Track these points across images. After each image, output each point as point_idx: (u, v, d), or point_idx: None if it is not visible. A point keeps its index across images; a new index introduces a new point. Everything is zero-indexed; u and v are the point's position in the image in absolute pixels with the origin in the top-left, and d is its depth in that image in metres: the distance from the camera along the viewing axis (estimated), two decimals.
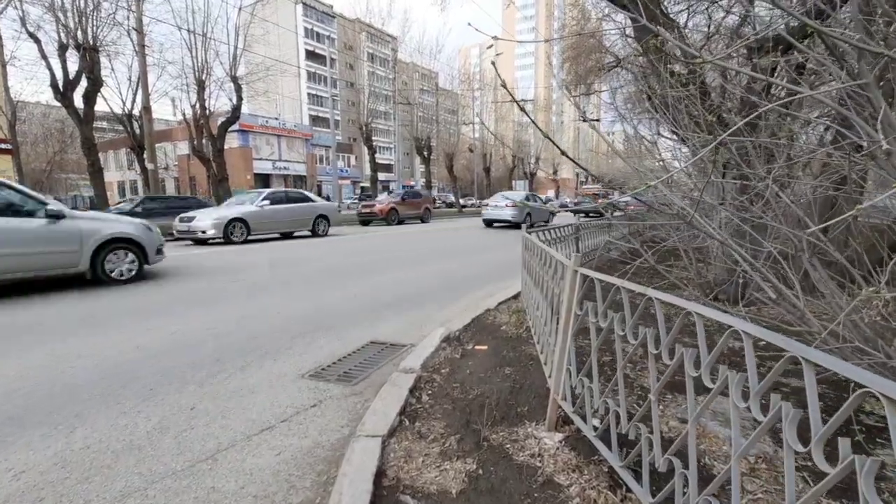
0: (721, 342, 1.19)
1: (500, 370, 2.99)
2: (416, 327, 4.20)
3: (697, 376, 1.27)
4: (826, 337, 2.05)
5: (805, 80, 4.16)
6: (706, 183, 2.11)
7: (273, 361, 3.33)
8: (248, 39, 20.09)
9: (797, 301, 1.94)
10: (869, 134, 1.45)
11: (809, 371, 0.92)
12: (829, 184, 2.78)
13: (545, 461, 1.94)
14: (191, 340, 3.76)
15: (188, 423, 2.45)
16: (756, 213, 2.67)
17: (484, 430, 2.21)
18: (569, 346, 2.11)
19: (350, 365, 3.27)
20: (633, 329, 1.63)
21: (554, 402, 2.19)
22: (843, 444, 0.82)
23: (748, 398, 1.08)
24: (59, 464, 2.08)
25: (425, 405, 2.54)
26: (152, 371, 3.13)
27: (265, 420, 2.48)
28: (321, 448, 2.21)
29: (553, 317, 2.51)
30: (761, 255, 2.74)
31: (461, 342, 3.59)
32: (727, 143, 2.74)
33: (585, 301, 2.00)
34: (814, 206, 2.55)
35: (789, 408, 0.95)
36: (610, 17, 11.34)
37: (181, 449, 2.20)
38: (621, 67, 12.85)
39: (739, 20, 8.05)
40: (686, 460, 1.34)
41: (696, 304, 1.32)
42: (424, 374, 2.93)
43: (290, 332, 4.04)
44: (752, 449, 1.88)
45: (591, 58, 14.51)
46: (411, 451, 2.06)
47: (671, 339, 1.40)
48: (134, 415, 2.54)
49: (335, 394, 2.81)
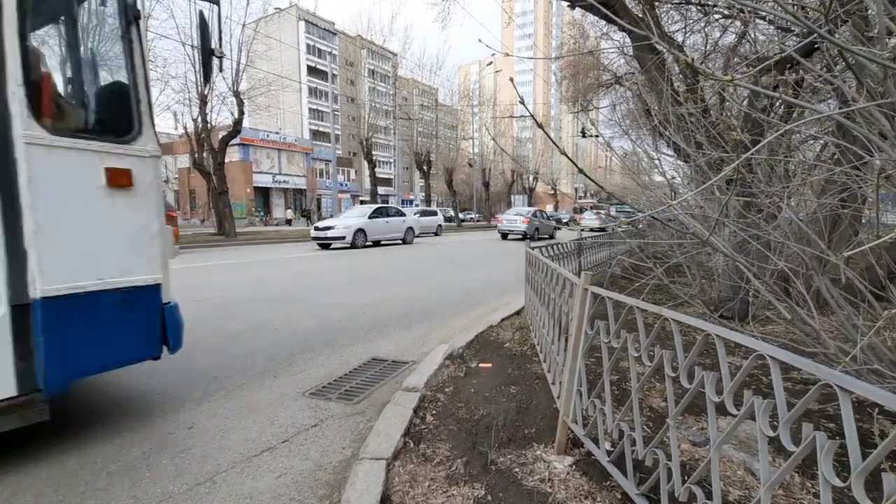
0: (745, 367, 1.15)
1: (506, 389, 2.92)
2: (418, 343, 4.14)
3: (720, 402, 1.23)
4: (839, 356, 2.01)
5: (802, 98, 4.18)
6: (725, 202, 2.08)
7: (273, 378, 3.26)
8: (251, 55, 20.29)
9: (812, 321, 1.91)
10: (886, 152, 1.43)
11: (846, 400, 0.88)
12: (836, 201, 2.77)
13: (556, 487, 1.88)
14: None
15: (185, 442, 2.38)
16: (764, 230, 2.65)
17: (491, 452, 2.14)
18: (579, 366, 2.06)
19: (351, 383, 3.21)
20: (647, 350, 1.59)
21: (563, 423, 2.13)
22: (888, 480, 0.77)
23: (775, 426, 1.04)
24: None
25: (430, 426, 2.47)
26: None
27: (265, 440, 2.41)
28: (323, 471, 2.14)
29: (561, 336, 2.47)
30: (766, 273, 2.72)
31: (465, 360, 3.53)
32: (730, 160, 2.73)
33: (596, 320, 1.95)
34: (824, 225, 2.52)
35: (824, 438, 0.90)
36: (608, 36, 11.51)
37: (178, 471, 2.13)
38: (620, 85, 13.00)
39: (737, 39, 8.16)
40: (706, 488, 1.28)
41: (717, 325, 1.28)
42: (428, 392, 2.86)
43: (290, 349, 3.97)
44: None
45: (589, 75, 14.69)
46: (416, 475, 1.99)
47: (690, 361, 1.36)
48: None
49: (336, 413, 2.74)
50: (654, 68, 6.12)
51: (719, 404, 1.23)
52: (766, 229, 2.52)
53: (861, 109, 1.86)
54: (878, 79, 1.26)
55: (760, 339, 1.29)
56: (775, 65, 3.98)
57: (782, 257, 2.69)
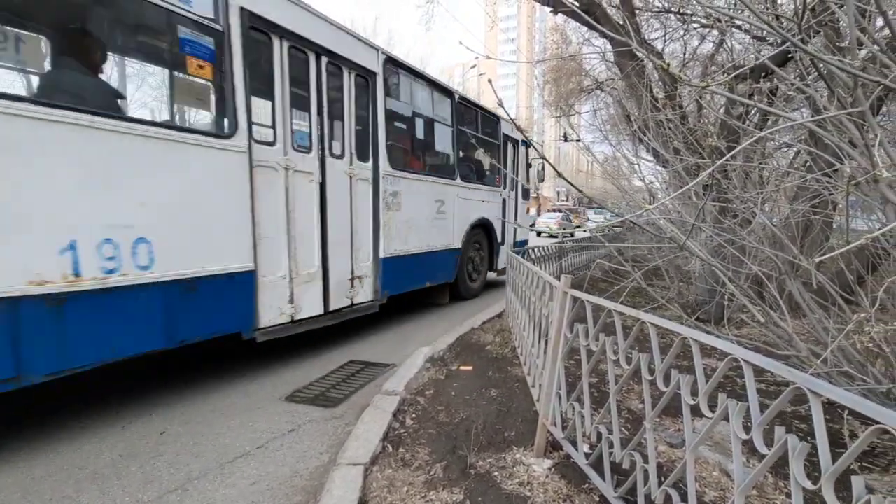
0: (719, 370, 1.16)
1: (486, 392, 2.91)
2: (398, 346, 4.11)
3: (695, 404, 1.24)
4: (811, 359, 2.06)
5: (776, 106, 4.31)
6: (701, 207, 2.12)
7: (249, 382, 3.19)
8: None
9: (785, 325, 1.95)
10: (856, 160, 1.47)
11: (816, 403, 0.89)
12: (808, 207, 2.85)
13: (535, 490, 1.87)
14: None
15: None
16: (739, 234, 2.71)
17: (470, 456, 2.13)
18: (558, 369, 2.06)
19: (330, 386, 3.15)
20: (626, 353, 1.60)
21: (543, 426, 2.13)
22: (857, 483, 0.78)
23: (749, 428, 1.05)
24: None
25: (409, 430, 2.45)
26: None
27: (240, 446, 2.35)
28: (299, 477, 2.09)
29: (541, 338, 2.47)
30: (741, 277, 2.78)
31: (446, 362, 3.51)
32: (707, 166, 2.78)
33: (575, 323, 1.96)
34: (796, 230, 2.59)
35: (796, 441, 0.91)
36: (590, 42, 11.67)
37: (148, 478, 2.06)
38: (601, 90, 13.20)
39: (714, 48, 8.36)
40: (682, 490, 1.29)
41: (693, 329, 1.29)
42: (408, 396, 2.84)
43: (265, 351, 3.89)
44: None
45: (571, 80, 14.88)
46: (395, 481, 1.97)
47: (667, 364, 1.37)
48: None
49: (314, 417, 2.69)
50: (634, 75, 6.22)
51: (695, 406, 1.24)
52: (741, 234, 2.58)
53: (832, 118, 1.91)
54: (848, 88, 1.29)
55: (735, 343, 1.31)
56: (751, 73, 4.10)
57: (756, 262, 2.75)
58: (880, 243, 2.23)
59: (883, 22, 2.42)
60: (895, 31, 1.20)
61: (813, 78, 2.74)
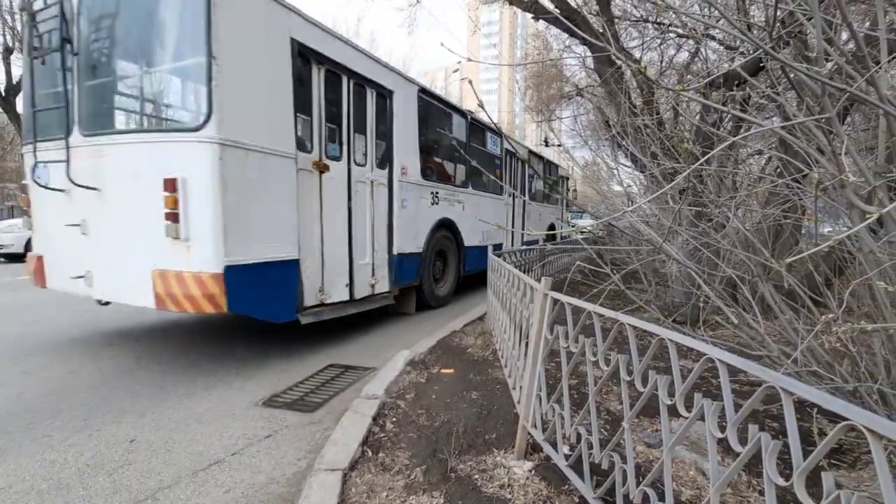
0: (696, 370, 1.17)
1: (467, 395, 2.91)
2: (379, 349, 4.07)
3: (672, 404, 1.25)
4: (782, 359, 2.11)
5: (749, 115, 4.44)
6: (677, 210, 2.16)
7: (225, 387, 3.11)
8: None
9: (758, 326, 2.00)
10: (824, 166, 1.52)
11: (788, 402, 0.91)
12: (779, 212, 2.93)
13: (515, 492, 1.87)
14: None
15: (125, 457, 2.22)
16: (713, 238, 2.77)
17: (451, 459, 2.11)
18: (539, 370, 2.07)
19: (308, 390, 3.10)
20: (604, 354, 1.61)
21: (523, 428, 2.13)
22: (827, 479, 0.80)
23: (724, 427, 1.07)
24: None
25: (389, 434, 2.42)
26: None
27: (214, 453, 2.28)
28: (276, 484, 2.04)
29: (521, 341, 2.48)
30: (715, 279, 2.84)
31: (426, 365, 3.49)
32: (683, 170, 2.84)
33: (556, 325, 1.97)
34: (768, 234, 2.67)
35: (769, 439, 0.93)
36: (570, 49, 11.86)
37: (117, 488, 1.98)
38: (581, 96, 13.40)
39: (689, 57, 8.59)
40: (660, 490, 1.30)
41: (670, 330, 1.31)
42: (388, 399, 2.81)
43: (241, 355, 3.81)
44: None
45: (552, 86, 15.09)
46: (374, 486, 1.94)
47: (644, 365, 1.38)
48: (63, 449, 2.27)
49: (292, 422, 2.64)
50: (613, 81, 6.34)
51: (672, 406, 1.26)
52: (716, 237, 2.64)
53: (801, 125, 1.98)
54: (816, 96, 1.34)
55: (710, 343, 1.33)
56: (724, 82, 4.21)
57: (730, 265, 2.82)
58: (846, 246, 2.31)
59: (848, 35, 2.52)
60: (860, 42, 1.25)
61: (783, 87, 2.83)
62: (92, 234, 3.46)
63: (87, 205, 3.41)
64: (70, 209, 3.50)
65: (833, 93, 1.43)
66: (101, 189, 3.35)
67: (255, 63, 3.34)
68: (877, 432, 0.71)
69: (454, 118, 6.75)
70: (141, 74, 3.54)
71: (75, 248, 3.52)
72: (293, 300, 3.69)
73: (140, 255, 3.22)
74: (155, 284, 3.15)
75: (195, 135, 3.04)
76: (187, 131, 3.12)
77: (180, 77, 3.52)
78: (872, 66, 1.25)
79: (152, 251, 3.16)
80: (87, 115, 3.47)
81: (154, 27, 3.33)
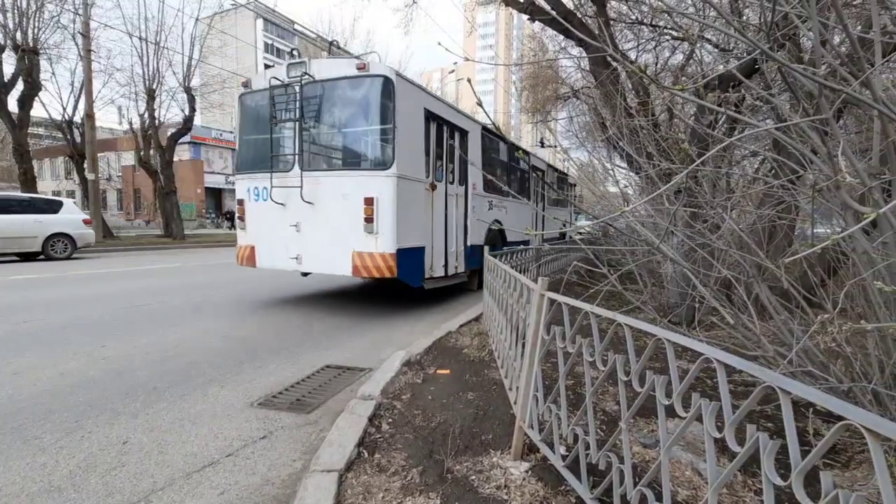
0: (693, 370, 1.17)
1: (463, 395, 2.90)
2: (375, 350, 4.06)
3: (669, 404, 1.25)
4: (777, 359, 2.12)
5: (743, 116, 4.47)
6: (674, 211, 2.17)
7: (220, 388, 3.09)
8: (205, 51, 19.47)
9: (753, 326, 2.00)
10: (819, 167, 1.53)
11: (787, 402, 0.91)
12: (773, 212, 2.95)
13: (512, 493, 1.86)
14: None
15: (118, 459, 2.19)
16: (709, 239, 2.78)
17: (447, 460, 2.11)
18: (535, 371, 2.07)
19: (304, 392, 3.08)
20: (601, 355, 1.61)
21: (520, 429, 2.13)
22: (826, 478, 0.80)
23: (720, 427, 1.07)
24: None
25: (385, 435, 2.41)
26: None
27: (208, 455, 2.26)
28: (271, 485, 2.02)
29: (518, 341, 2.47)
30: (710, 280, 2.85)
31: (422, 366, 3.48)
32: (678, 171, 2.85)
33: (552, 325, 1.97)
34: (762, 235, 2.68)
35: (767, 439, 0.93)
36: (566, 51, 11.89)
37: (109, 490, 1.96)
38: (577, 98, 13.43)
39: (684, 59, 8.63)
40: (657, 489, 1.30)
41: (667, 331, 1.31)
42: (384, 400, 2.79)
43: (238, 356, 3.78)
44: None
45: (548, 87, 15.11)
46: (370, 487, 1.93)
47: (641, 365, 1.38)
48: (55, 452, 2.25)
49: (287, 424, 2.62)
50: (609, 83, 6.36)
51: (669, 407, 1.26)
52: (711, 238, 2.65)
53: (795, 126, 1.99)
54: (811, 98, 1.34)
55: (706, 344, 1.34)
56: (719, 84, 4.24)
57: (725, 265, 2.83)
58: (840, 247, 2.32)
59: (840, 39, 2.54)
60: (856, 44, 1.25)
61: (778, 89, 2.85)
62: (303, 231, 5.40)
63: (302, 213, 5.36)
64: (286, 216, 5.48)
65: (828, 94, 1.44)
66: (315, 203, 5.30)
67: (410, 127, 5.38)
68: (876, 432, 0.71)
69: (500, 145, 9.04)
70: (345, 134, 5.70)
71: (288, 240, 5.47)
72: (422, 273, 5.67)
73: (343, 242, 5.13)
74: (353, 260, 5.08)
75: (384, 172, 5.04)
76: (381, 169, 5.08)
77: (374, 137, 5.40)
78: (867, 67, 1.26)
79: (352, 240, 5.08)
80: (307, 159, 5.46)
81: (356, 107, 5.42)
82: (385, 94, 5.04)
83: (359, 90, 5.30)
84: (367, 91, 5.23)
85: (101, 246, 14.37)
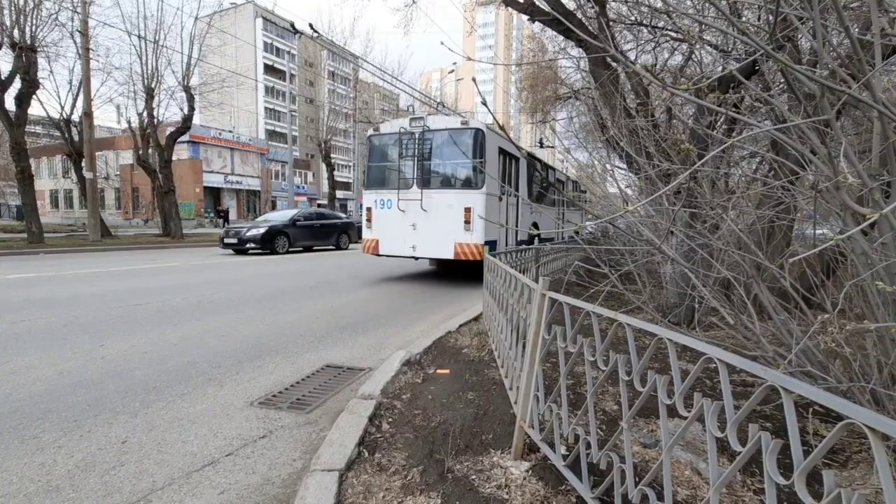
0: (695, 369, 1.18)
1: (464, 395, 2.90)
2: (375, 349, 4.06)
3: (671, 404, 1.25)
4: (777, 359, 2.13)
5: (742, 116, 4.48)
6: (675, 213, 2.17)
7: (219, 387, 3.09)
8: (204, 50, 19.44)
9: (753, 326, 2.01)
10: (819, 168, 1.54)
11: (789, 401, 0.91)
12: (772, 213, 2.96)
13: (512, 493, 1.86)
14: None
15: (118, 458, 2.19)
16: (708, 239, 2.79)
17: (448, 460, 2.11)
18: (536, 371, 2.07)
19: (304, 391, 3.08)
20: (602, 355, 1.61)
21: (520, 429, 2.13)
22: (828, 477, 0.80)
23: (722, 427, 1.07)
24: None
25: (386, 434, 2.41)
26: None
27: (208, 454, 2.26)
28: (271, 485, 2.02)
29: (519, 341, 2.48)
30: (710, 280, 2.86)
31: (422, 366, 3.48)
32: (678, 172, 2.86)
33: (553, 325, 1.97)
34: (761, 235, 2.69)
35: (769, 438, 0.93)
36: (566, 51, 11.89)
37: (108, 490, 1.95)
38: (576, 98, 13.44)
39: (683, 60, 8.64)
40: (657, 489, 1.31)
41: (669, 330, 1.31)
42: (385, 400, 2.79)
43: (237, 356, 3.78)
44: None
45: (548, 88, 15.12)
46: (371, 486, 1.93)
47: (643, 365, 1.38)
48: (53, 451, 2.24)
49: (287, 423, 2.62)
50: (608, 83, 6.37)
51: (671, 406, 1.26)
52: (710, 238, 2.65)
53: (795, 128, 2.00)
54: (812, 98, 1.35)
55: (716, 347, 1.34)
56: (718, 85, 4.25)
57: (724, 265, 2.84)
58: (838, 247, 2.33)
59: (838, 40, 2.55)
60: (856, 45, 1.26)
61: (777, 90, 2.86)
62: (418, 230, 8.01)
63: (417, 217, 8.00)
64: (406, 219, 8.11)
65: (830, 95, 1.45)
66: (428, 211, 7.93)
67: (491, 160, 8.12)
68: (880, 431, 0.72)
69: (536, 165, 11.78)
70: (450, 165, 8.14)
71: (406, 236, 8.09)
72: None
73: (448, 237, 7.73)
74: (455, 248, 7.68)
75: (478, 190, 7.73)
76: (475, 189, 7.78)
77: (470, 168, 7.87)
78: (868, 69, 1.26)
79: (455, 235, 7.68)
80: (422, 180, 8.08)
81: (458, 147, 7.82)
82: (478, 140, 7.83)
83: (461, 137, 7.94)
84: (467, 138, 7.92)
85: (99, 245, 14.34)
